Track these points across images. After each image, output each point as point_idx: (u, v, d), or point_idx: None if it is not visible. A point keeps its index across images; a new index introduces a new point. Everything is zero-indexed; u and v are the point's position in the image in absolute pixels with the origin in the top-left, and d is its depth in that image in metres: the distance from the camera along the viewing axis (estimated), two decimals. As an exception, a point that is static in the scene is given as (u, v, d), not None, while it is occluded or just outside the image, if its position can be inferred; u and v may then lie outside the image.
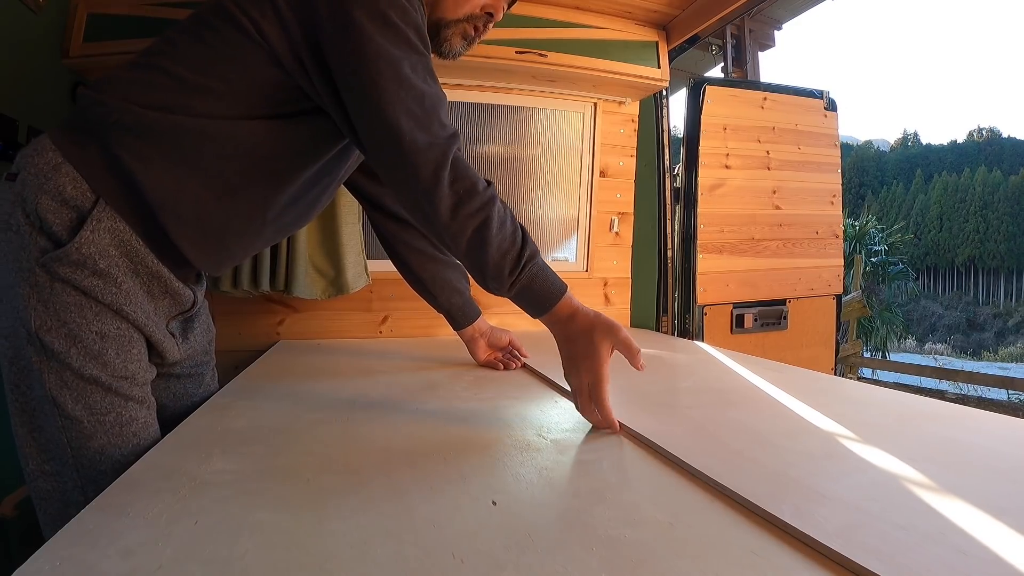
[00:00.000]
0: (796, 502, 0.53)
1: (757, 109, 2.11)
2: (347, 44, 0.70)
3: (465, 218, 0.72)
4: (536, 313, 0.78)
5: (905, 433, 0.78)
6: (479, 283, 0.77)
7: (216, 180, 0.75)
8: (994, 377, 7.04)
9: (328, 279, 1.60)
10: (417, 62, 0.73)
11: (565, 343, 0.78)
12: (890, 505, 0.53)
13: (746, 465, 0.63)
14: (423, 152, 0.70)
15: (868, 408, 0.92)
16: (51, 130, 0.73)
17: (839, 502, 0.54)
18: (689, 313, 1.99)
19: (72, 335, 0.67)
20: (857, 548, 0.44)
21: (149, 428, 0.75)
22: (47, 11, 1.36)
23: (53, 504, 0.71)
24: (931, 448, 0.71)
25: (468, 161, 0.75)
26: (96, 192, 0.69)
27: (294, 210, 0.88)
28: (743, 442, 0.72)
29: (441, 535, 0.47)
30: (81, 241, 0.67)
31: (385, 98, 0.69)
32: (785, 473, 0.61)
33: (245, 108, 0.74)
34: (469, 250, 0.73)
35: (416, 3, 0.75)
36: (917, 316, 35.17)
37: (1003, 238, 41.60)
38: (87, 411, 0.69)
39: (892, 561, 0.42)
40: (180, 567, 0.42)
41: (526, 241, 0.76)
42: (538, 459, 0.66)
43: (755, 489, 0.55)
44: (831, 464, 0.65)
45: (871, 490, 0.57)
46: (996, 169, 43.80)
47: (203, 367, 0.95)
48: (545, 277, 0.77)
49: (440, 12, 0.87)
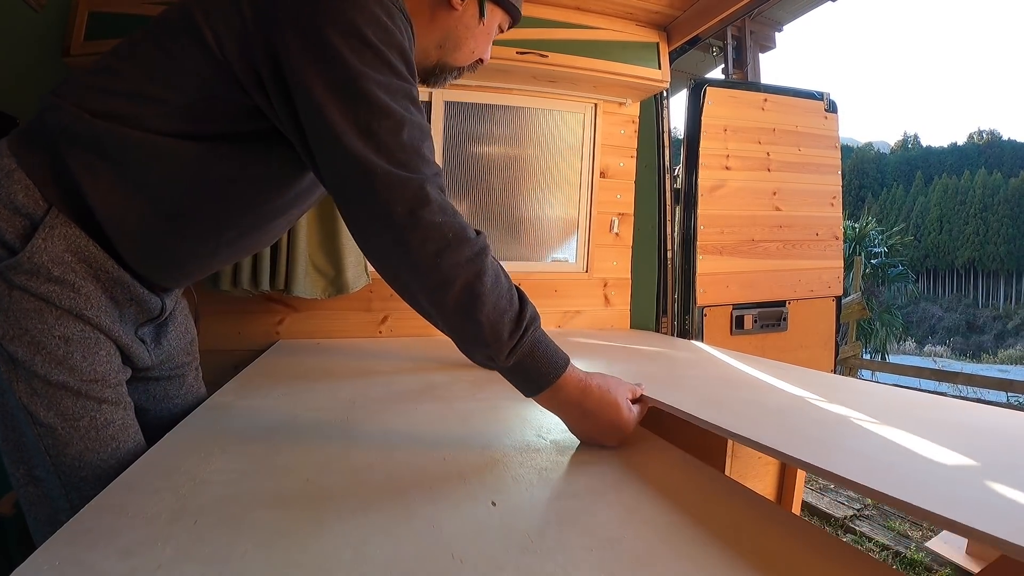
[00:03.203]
0: (815, 449, 0.55)
1: (757, 110, 2.12)
2: (315, 65, 0.62)
3: (451, 268, 0.61)
4: (536, 388, 0.67)
5: (910, 414, 0.80)
6: (465, 351, 0.66)
7: (164, 200, 0.71)
8: (993, 379, 7.03)
9: (328, 279, 1.60)
10: (397, 88, 0.65)
11: (582, 419, 0.69)
12: (906, 456, 0.56)
13: (760, 425, 0.65)
14: (398, 187, 0.61)
15: (873, 398, 0.93)
16: (10, 135, 0.71)
17: (858, 454, 0.56)
18: (689, 314, 1.99)
19: (35, 342, 0.65)
20: (883, 483, 0.46)
21: (128, 430, 0.73)
22: (48, 10, 1.36)
23: (42, 510, 0.70)
24: (937, 424, 0.73)
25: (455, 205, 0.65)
26: (48, 200, 0.67)
27: (256, 234, 0.83)
28: (754, 412, 0.74)
29: (440, 535, 0.47)
30: (32, 250, 0.65)
31: (354, 124, 0.61)
32: (801, 431, 0.64)
33: (198, 125, 0.69)
34: (457, 308, 0.62)
35: (402, 23, 0.68)
36: (917, 318, 35.21)
37: (1003, 240, 41.62)
38: (60, 418, 0.67)
39: (919, 493, 0.45)
40: (179, 567, 0.42)
41: (524, 301, 0.66)
42: (537, 460, 0.66)
43: (774, 438, 0.57)
44: (844, 428, 0.67)
45: (886, 446, 0.59)
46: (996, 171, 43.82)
47: (183, 368, 0.93)
48: (548, 344, 0.67)
49: (452, 58, 0.86)
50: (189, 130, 0.69)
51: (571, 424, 0.71)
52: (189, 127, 0.69)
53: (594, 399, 0.68)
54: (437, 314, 0.64)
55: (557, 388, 0.66)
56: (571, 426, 0.72)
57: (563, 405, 0.68)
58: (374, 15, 0.64)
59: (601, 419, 0.69)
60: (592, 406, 0.68)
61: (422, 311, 0.66)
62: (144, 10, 1.42)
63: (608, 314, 2.00)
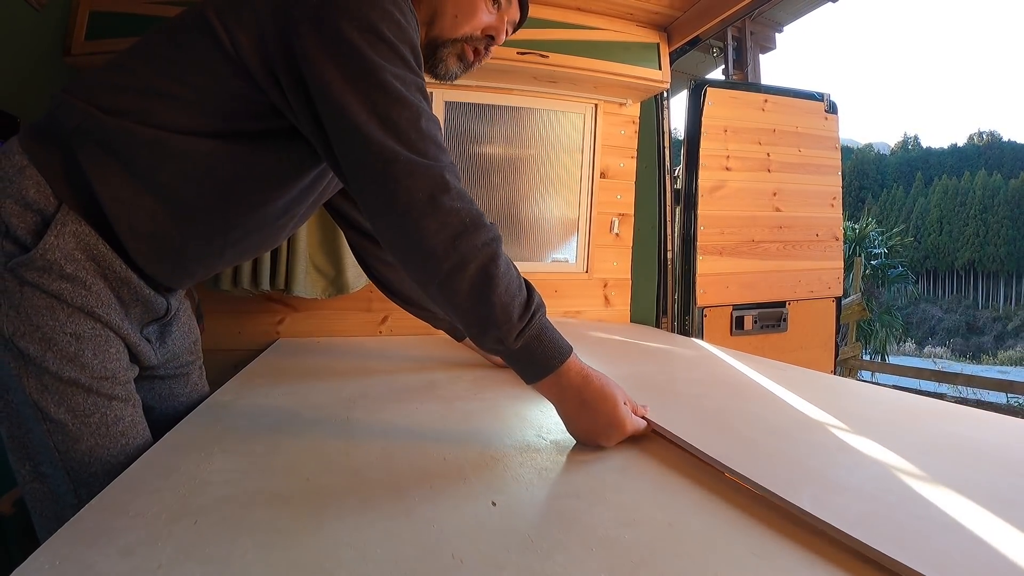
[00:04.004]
0: (814, 491, 0.54)
1: (758, 111, 2.12)
2: (333, 60, 0.63)
3: (469, 251, 0.63)
4: (541, 372, 0.68)
5: (913, 429, 0.79)
6: (474, 335, 0.67)
7: (173, 199, 0.72)
8: (993, 380, 7.04)
9: (328, 278, 1.60)
10: (411, 81, 0.66)
11: (580, 410, 0.69)
12: (906, 496, 0.54)
13: (761, 454, 0.64)
14: (419, 174, 0.62)
15: (875, 406, 0.92)
16: (21, 131, 0.72)
17: (856, 492, 0.54)
18: (689, 315, 1.99)
19: (47, 339, 0.66)
20: (878, 537, 0.45)
21: (137, 426, 0.73)
22: (49, 9, 1.36)
23: (48, 507, 0.71)
24: (939, 443, 0.72)
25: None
26: (59, 197, 0.68)
27: (259, 235, 0.84)
28: (757, 431, 0.73)
29: (440, 535, 0.47)
30: (45, 247, 0.66)
31: (374, 114, 0.63)
32: (801, 463, 0.62)
33: (209, 122, 0.70)
34: (472, 289, 0.63)
35: (412, 20, 0.69)
36: (916, 319, 35.20)
37: (1003, 242, 41.60)
38: (70, 414, 0.67)
39: (913, 549, 0.43)
40: (179, 566, 0.42)
41: (531, 288, 0.68)
42: (538, 459, 0.66)
43: (773, 479, 0.56)
44: (845, 456, 0.66)
45: (886, 482, 0.58)
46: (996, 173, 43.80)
47: (188, 367, 0.93)
48: (553, 331, 0.68)
49: (437, 31, 0.82)
50: (201, 128, 0.70)
51: (569, 417, 0.71)
52: (200, 124, 0.70)
53: (593, 389, 0.69)
54: (451, 298, 0.65)
55: (560, 374, 0.68)
56: (569, 420, 0.71)
57: (564, 392, 0.69)
58: (387, 11, 0.66)
59: (599, 412, 0.69)
60: (591, 396, 0.69)
61: (433, 297, 0.66)
62: (146, 9, 1.43)
63: (608, 314, 2.00)
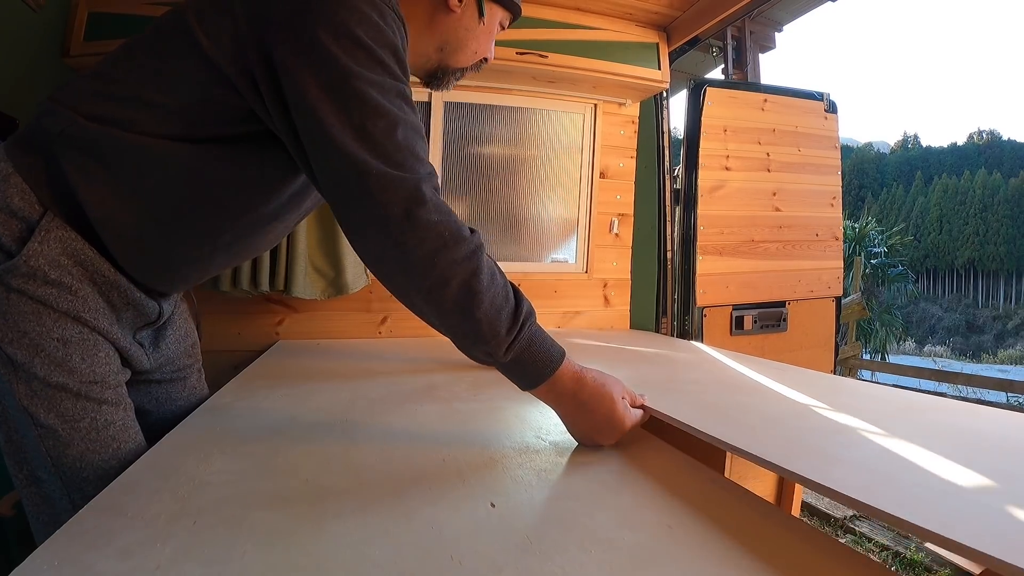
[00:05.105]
0: (813, 462, 0.55)
1: (757, 111, 2.12)
2: (309, 68, 0.62)
3: (448, 267, 0.61)
4: (533, 382, 0.68)
5: (910, 419, 0.80)
6: (464, 348, 0.67)
7: (158, 205, 0.71)
8: (993, 380, 7.04)
9: (328, 279, 1.60)
10: (391, 87, 0.64)
11: (578, 411, 0.70)
12: (904, 467, 0.55)
13: (759, 435, 0.66)
14: (393, 187, 0.60)
15: (873, 401, 0.93)
16: (7, 140, 0.71)
17: (855, 464, 0.56)
18: (688, 315, 1.99)
19: (34, 344, 0.66)
20: (881, 498, 0.46)
21: (128, 430, 0.73)
22: (48, 10, 1.36)
23: (44, 511, 0.71)
24: (936, 429, 0.74)
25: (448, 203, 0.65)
26: (43, 204, 0.67)
27: (251, 239, 0.83)
28: (754, 419, 0.74)
29: (439, 536, 0.47)
30: (29, 253, 0.65)
31: (348, 125, 0.61)
32: (799, 440, 0.64)
33: (192, 129, 0.69)
34: (455, 306, 0.62)
35: (394, 22, 0.67)
36: (916, 318, 35.20)
37: (1003, 241, 41.60)
38: (60, 419, 0.67)
39: (916, 510, 0.44)
40: (179, 567, 0.42)
41: (520, 297, 0.67)
42: (537, 461, 0.66)
43: (772, 451, 0.57)
44: (842, 437, 0.67)
45: (884, 456, 0.59)
46: (996, 172, 43.80)
47: (186, 371, 0.93)
48: (544, 338, 0.68)
49: (454, 60, 0.85)
50: (183, 133, 0.69)
51: (568, 419, 0.72)
52: (183, 130, 0.69)
53: (589, 390, 0.69)
54: (434, 314, 0.64)
55: (554, 381, 0.68)
56: (568, 422, 0.72)
57: (560, 397, 0.69)
58: (365, 15, 0.64)
59: (597, 412, 0.69)
60: (587, 397, 0.69)
61: (418, 312, 0.66)
62: (144, 10, 1.43)
63: (608, 315, 2.00)
